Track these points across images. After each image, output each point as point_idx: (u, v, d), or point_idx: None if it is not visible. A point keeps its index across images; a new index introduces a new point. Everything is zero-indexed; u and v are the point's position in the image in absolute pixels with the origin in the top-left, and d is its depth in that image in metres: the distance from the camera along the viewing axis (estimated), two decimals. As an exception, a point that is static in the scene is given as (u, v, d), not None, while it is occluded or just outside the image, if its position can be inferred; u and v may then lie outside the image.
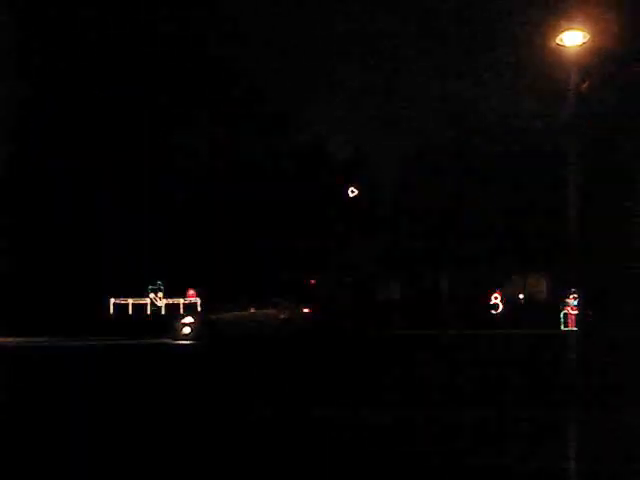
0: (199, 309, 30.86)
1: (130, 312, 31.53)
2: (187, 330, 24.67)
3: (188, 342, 23.96)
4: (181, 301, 31.79)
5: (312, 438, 7.59)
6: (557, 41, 16.22)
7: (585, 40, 16.38)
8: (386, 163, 37.26)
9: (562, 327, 30.25)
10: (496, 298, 33.78)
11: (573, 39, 16.11)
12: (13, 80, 30.93)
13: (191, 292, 32.00)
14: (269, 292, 27.98)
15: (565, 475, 6.39)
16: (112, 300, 31.98)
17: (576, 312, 29.44)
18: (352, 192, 38.04)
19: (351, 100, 34.19)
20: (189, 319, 25.22)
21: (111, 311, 31.66)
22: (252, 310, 25.39)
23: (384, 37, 32.53)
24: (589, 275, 30.69)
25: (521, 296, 35.96)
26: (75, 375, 13.58)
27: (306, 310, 26.94)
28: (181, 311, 31.56)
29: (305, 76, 34.17)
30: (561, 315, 30.58)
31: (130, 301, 31.68)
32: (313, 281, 34.74)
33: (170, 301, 31.84)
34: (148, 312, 31.81)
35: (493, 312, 33.25)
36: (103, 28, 33.03)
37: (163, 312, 31.76)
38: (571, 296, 30.54)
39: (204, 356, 19.32)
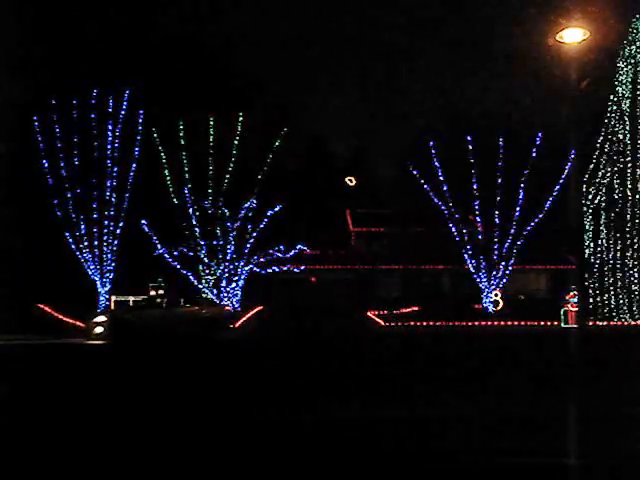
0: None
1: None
2: (99, 330, 23.59)
3: (99, 342, 22.69)
4: (181, 299, 31.74)
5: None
6: (557, 38, 16.17)
7: (585, 37, 16.34)
8: (385, 159, 37.27)
9: (562, 324, 30.28)
10: (496, 295, 33.80)
11: (573, 36, 16.05)
12: (14, 81, 30.89)
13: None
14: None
15: (566, 470, 6.41)
16: (113, 297, 32.01)
17: (576, 309, 29.47)
18: (350, 181, 37.93)
19: (351, 97, 34.15)
20: (101, 318, 24.14)
21: (112, 307, 31.68)
22: (186, 307, 24.91)
23: (384, 34, 32.49)
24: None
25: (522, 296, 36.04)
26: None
27: (227, 308, 27.05)
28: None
29: (305, 74, 34.12)
30: (561, 312, 30.61)
31: (131, 298, 31.66)
32: (314, 279, 34.74)
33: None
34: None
35: (493, 309, 33.27)
36: (103, 24, 33.02)
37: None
38: (571, 293, 30.59)
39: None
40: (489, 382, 11.37)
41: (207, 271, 32.24)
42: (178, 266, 31.65)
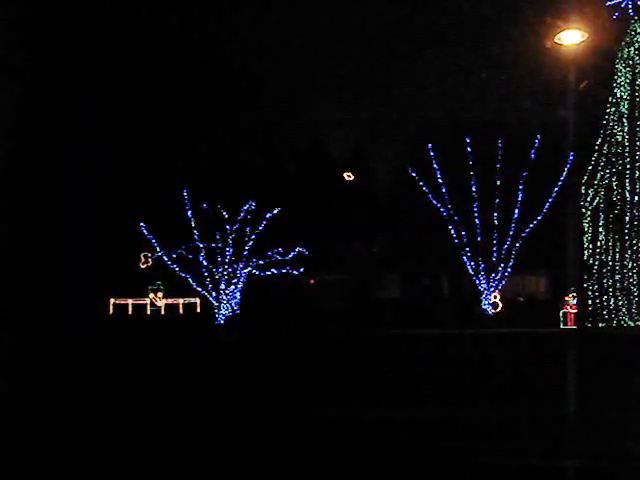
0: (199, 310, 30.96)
1: (130, 312, 31.47)
2: None
3: None
4: (180, 301, 31.74)
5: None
6: (555, 40, 16.21)
7: (583, 39, 16.36)
8: (385, 162, 37.27)
9: (561, 326, 30.25)
10: (495, 297, 33.76)
11: (571, 38, 16.09)
12: (16, 81, 30.79)
13: None
14: None
15: (562, 472, 6.42)
16: (112, 300, 31.88)
17: (575, 311, 29.49)
18: (348, 176, 37.70)
19: (350, 99, 34.20)
20: None
21: (111, 311, 31.56)
22: None
23: (383, 37, 32.57)
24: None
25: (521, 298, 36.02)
26: None
27: None
28: (180, 311, 31.58)
29: (305, 75, 34.16)
30: (560, 314, 30.58)
31: (130, 301, 31.57)
32: (312, 280, 34.73)
33: (170, 301, 31.79)
34: (148, 312, 31.73)
35: (493, 311, 33.23)
36: (106, 27, 32.94)
37: (163, 312, 31.71)
38: (570, 295, 30.57)
39: None
40: (488, 383, 11.38)
41: (207, 274, 32.17)
42: (177, 268, 31.61)
